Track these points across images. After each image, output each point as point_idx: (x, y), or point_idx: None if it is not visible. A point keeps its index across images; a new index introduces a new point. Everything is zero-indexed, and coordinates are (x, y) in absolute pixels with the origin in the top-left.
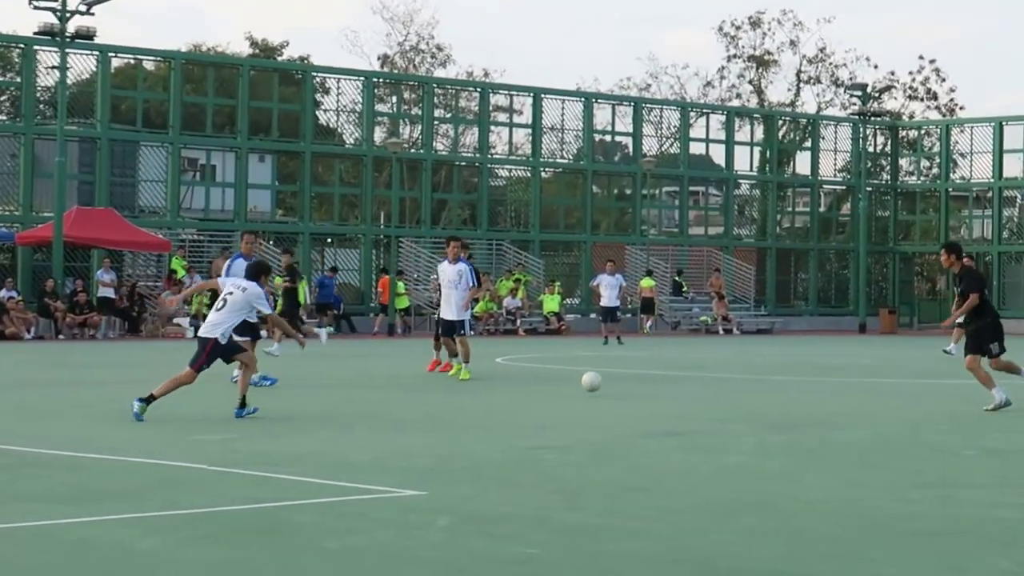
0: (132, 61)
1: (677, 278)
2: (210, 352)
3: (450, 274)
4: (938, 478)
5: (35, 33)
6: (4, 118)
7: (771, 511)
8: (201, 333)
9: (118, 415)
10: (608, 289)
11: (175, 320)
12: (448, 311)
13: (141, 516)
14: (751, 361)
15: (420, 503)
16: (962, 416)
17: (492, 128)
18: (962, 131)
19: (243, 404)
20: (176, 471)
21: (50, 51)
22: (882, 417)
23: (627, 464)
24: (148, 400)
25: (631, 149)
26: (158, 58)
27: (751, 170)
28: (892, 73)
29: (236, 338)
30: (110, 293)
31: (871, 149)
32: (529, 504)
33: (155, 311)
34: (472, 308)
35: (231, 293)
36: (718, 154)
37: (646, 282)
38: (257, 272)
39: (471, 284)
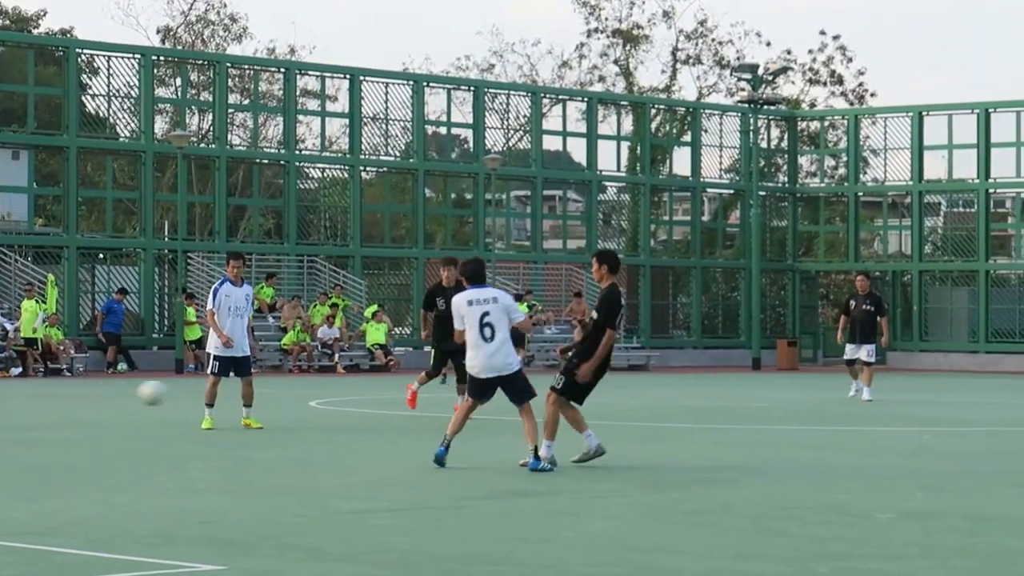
0: None
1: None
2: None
3: (238, 299)
4: (847, 547)
5: None
6: None
7: None
8: (493, 374)
9: None
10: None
11: None
12: (238, 344)
13: None
14: (621, 404)
15: None
16: (878, 471)
17: (300, 118)
18: (874, 123)
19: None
20: None
21: None
22: (780, 472)
23: (470, 531)
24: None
25: (471, 144)
26: None
27: (618, 170)
28: (788, 52)
29: None
30: None
31: (764, 144)
32: None
33: None
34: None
35: (487, 312)
36: (578, 150)
37: (519, 307)
38: (481, 273)
39: (251, 309)
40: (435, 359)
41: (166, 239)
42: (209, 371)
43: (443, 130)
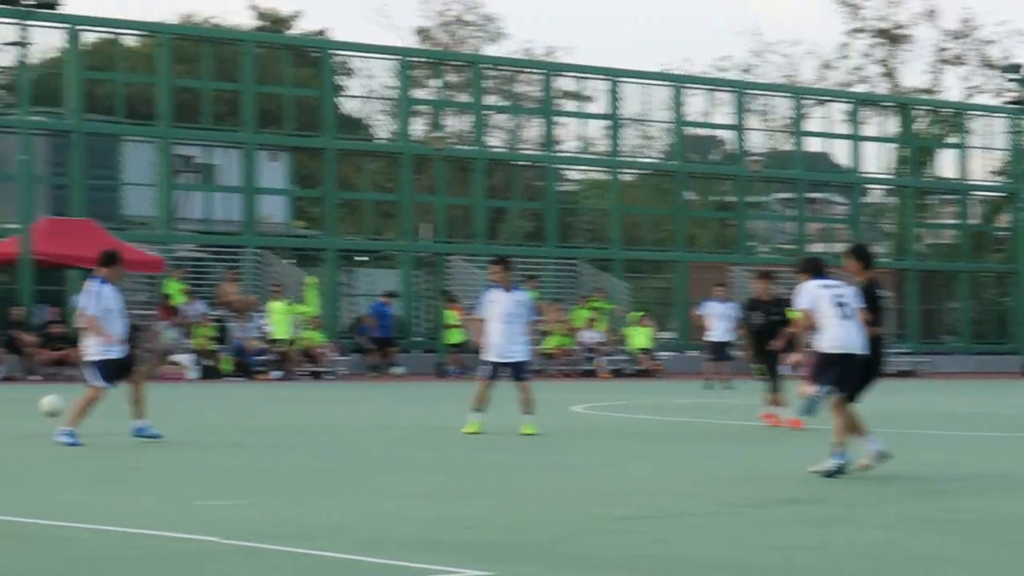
0: (109, 36)
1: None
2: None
3: (507, 304)
4: None
5: None
6: None
7: None
8: (852, 351)
9: (104, 475)
10: (718, 320)
11: (173, 358)
12: (508, 350)
13: None
14: (890, 411)
15: None
16: None
17: (559, 120)
18: None
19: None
20: (180, 545)
21: (6, 23)
22: None
23: (738, 538)
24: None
25: (733, 146)
26: (141, 32)
27: (883, 172)
28: None
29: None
30: None
31: None
32: None
33: (148, 346)
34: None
35: (841, 294)
36: (841, 152)
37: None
38: (823, 267)
39: (534, 316)
40: (765, 373)
41: (429, 241)
42: (480, 374)
43: (703, 132)
